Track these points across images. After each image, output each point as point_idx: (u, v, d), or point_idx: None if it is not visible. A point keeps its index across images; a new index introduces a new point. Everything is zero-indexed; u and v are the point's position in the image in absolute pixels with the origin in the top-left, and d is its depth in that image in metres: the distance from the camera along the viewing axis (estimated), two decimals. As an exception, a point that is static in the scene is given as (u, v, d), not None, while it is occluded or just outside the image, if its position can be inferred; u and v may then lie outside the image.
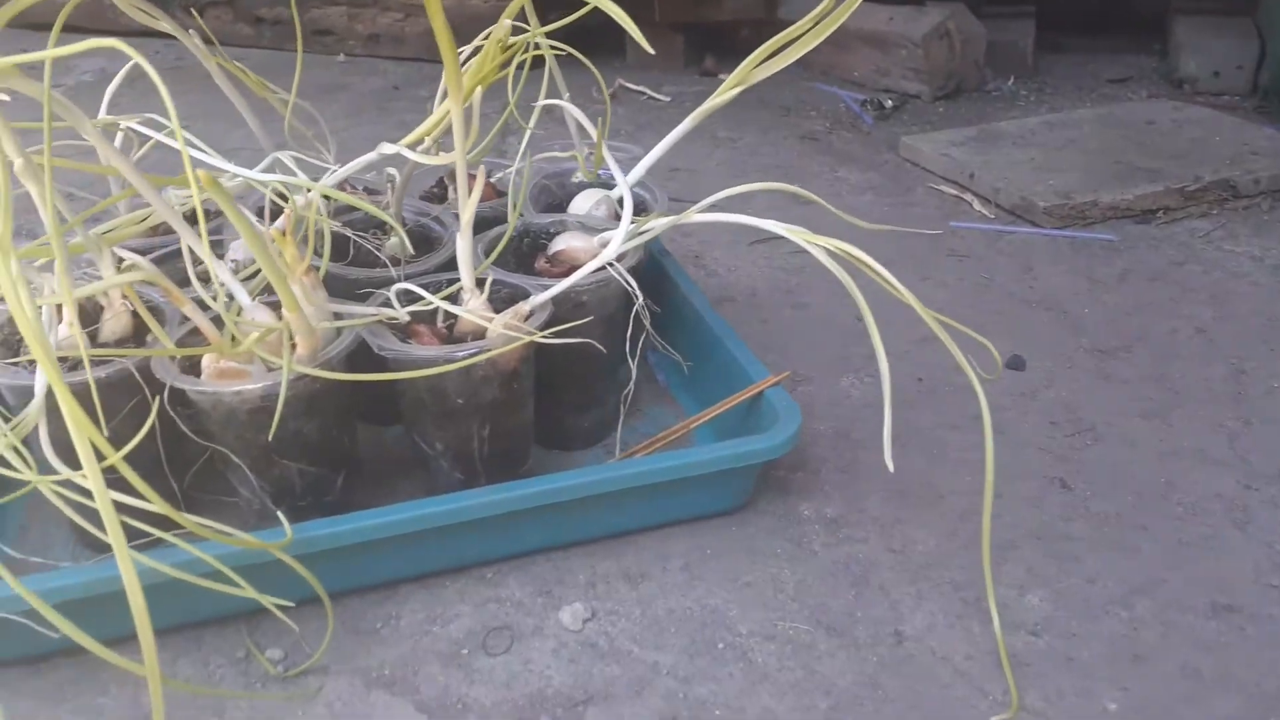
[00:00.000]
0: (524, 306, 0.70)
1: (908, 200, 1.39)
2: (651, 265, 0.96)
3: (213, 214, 0.91)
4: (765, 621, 0.69)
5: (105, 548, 0.74)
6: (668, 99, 1.86)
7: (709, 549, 0.75)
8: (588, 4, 0.69)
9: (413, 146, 0.74)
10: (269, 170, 0.79)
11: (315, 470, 0.70)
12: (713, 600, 0.71)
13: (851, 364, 0.98)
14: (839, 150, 1.59)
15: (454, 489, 0.74)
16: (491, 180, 0.95)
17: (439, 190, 0.96)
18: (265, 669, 0.67)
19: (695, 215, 0.75)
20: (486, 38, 0.75)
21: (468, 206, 0.67)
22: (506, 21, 0.62)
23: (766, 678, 0.64)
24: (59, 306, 0.68)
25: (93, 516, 0.63)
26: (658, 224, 0.76)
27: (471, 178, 0.69)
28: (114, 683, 0.66)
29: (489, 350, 0.67)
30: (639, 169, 0.87)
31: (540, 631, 0.69)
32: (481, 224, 0.87)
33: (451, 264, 0.80)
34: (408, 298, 0.71)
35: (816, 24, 0.78)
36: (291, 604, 0.62)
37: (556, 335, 0.66)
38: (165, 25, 0.74)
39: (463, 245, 0.69)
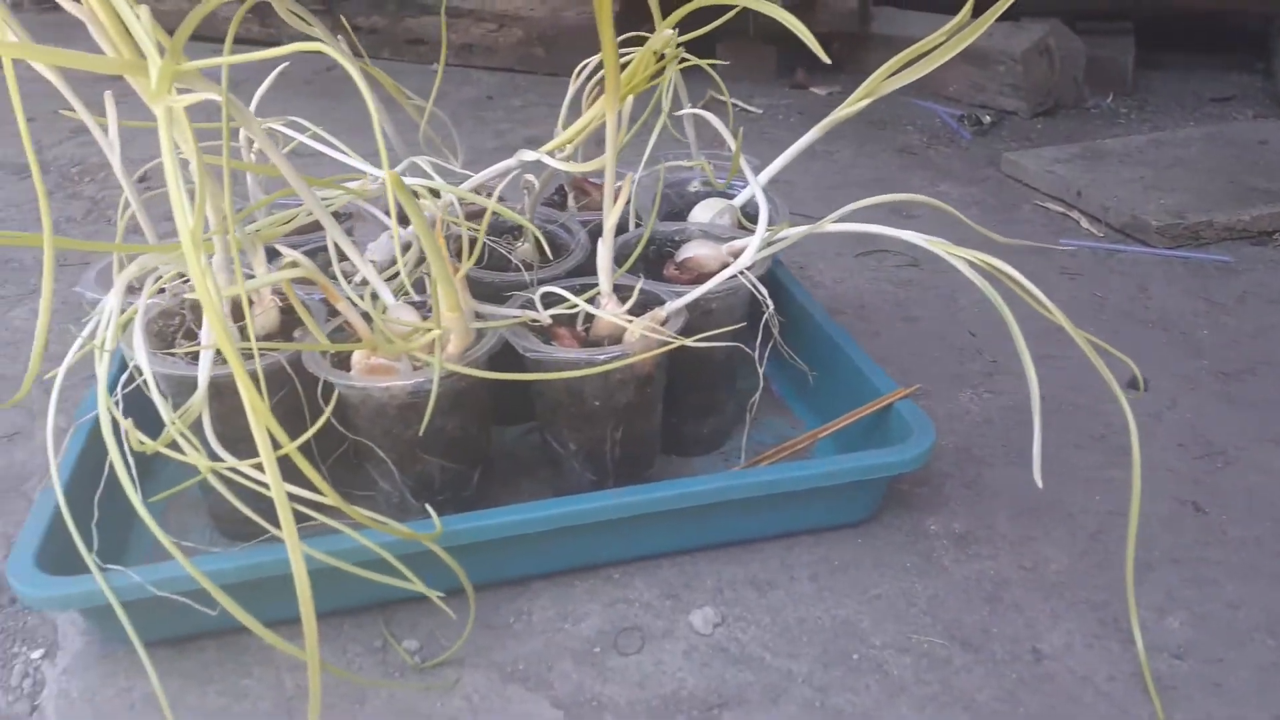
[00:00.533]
0: (661, 312, 0.71)
1: (1013, 217, 1.37)
2: (768, 275, 0.96)
3: (342, 217, 0.94)
4: (898, 634, 0.68)
5: (242, 536, 0.77)
6: (759, 111, 1.87)
7: (835, 560, 0.75)
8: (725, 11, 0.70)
9: (550, 154, 0.75)
10: (404, 175, 0.81)
11: (455, 466, 0.71)
12: (843, 611, 0.70)
13: (968, 380, 0.98)
14: (938, 165, 1.58)
15: (584, 489, 0.75)
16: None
17: (559, 197, 0.98)
18: (403, 659, 0.68)
19: (830, 225, 0.75)
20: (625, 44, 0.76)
21: (612, 213, 0.68)
22: (668, 31, 0.63)
23: (904, 690, 0.64)
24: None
25: (244, 503, 0.65)
26: (792, 233, 0.76)
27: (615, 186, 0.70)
28: (257, 665, 0.68)
29: (629, 354, 0.68)
30: (763, 177, 0.88)
31: (671, 634, 0.69)
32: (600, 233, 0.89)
33: (580, 270, 0.81)
34: (546, 302, 0.72)
35: (949, 39, 0.78)
36: (443, 594, 0.64)
37: (697, 341, 0.67)
38: (317, 32, 0.77)
39: (604, 251, 0.70)
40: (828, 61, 0.65)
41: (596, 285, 0.73)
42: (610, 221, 0.68)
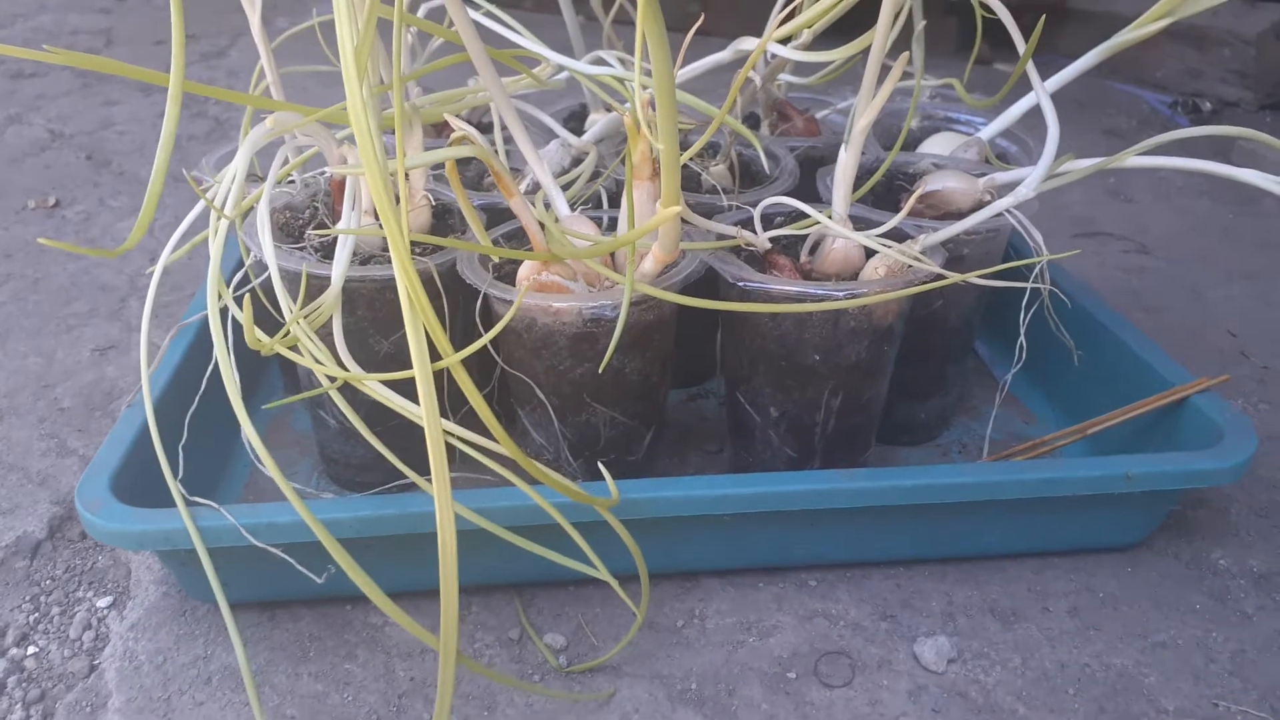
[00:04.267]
0: (914, 245, 0.55)
1: (1254, 210, 1.17)
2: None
3: (485, 127, 0.80)
4: (1199, 699, 0.51)
5: (356, 486, 0.63)
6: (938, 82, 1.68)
7: (1100, 592, 0.58)
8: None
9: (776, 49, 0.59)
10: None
11: (627, 422, 0.56)
12: (1118, 660, 0.53)
13: (1238, 387, 0.79)
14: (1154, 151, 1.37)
15: (779, 468, 0.59)
16: (816, 117, 0.81)
17: (749, 122, 0.82)
18: (544, 658, 0.54)
19: (1133, 159, 0.59)
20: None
21: (870, 109, 0.52)
22: None
23: (1222, 781, 0.47)
24: (343, 189, 0.57)
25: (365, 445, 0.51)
26: (1081, 165, 0.59)
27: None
28: (362, 646, 0.55)
29: (875, 292, 0.51)
30: (1016, 111, 0.71)
31: (889, 666, 0.53)
32: (807, 164, 0.73)
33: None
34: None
35: None
36: (615, 577, 0.49)
37: (976, 276, 0.51)
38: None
39: (846, 160, 0.54)
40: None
41: (824, 211, 0.57)
42: (862, 122, 0.52)
